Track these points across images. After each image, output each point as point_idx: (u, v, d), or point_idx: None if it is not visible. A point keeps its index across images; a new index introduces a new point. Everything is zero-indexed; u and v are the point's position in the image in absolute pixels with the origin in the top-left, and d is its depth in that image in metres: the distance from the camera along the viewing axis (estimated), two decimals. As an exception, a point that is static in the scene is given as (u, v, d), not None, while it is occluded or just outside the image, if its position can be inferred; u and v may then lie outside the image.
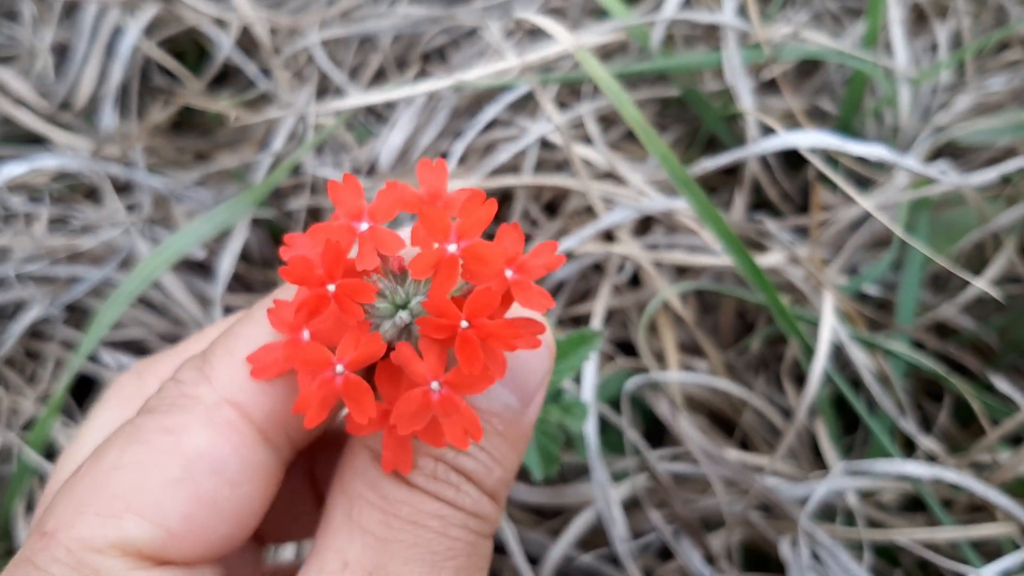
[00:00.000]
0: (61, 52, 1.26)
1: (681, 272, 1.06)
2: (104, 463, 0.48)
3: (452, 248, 0.46)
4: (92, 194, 1.21)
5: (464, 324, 0.45)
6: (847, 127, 1.12)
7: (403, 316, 0.47)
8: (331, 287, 0.45)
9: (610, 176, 1.07)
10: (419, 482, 0.50)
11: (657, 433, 1.03)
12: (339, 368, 0.45)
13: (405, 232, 0.49)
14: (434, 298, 0.45)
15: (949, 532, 0.84)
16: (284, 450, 0.53)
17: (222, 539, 0.49)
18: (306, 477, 0.67)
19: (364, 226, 0.48)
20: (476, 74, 0.98)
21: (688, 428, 0.94)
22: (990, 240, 1.05)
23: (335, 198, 0.49)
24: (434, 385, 0.45)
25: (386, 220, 0.49)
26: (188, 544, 0.47)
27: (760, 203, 1.15)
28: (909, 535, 0.85)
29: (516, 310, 0.48)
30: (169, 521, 0.46)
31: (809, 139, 0.87)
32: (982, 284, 0.98)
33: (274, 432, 0.51)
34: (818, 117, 1.19)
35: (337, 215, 0.49)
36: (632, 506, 0.95)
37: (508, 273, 0.46)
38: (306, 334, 0.47)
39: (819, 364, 0.84)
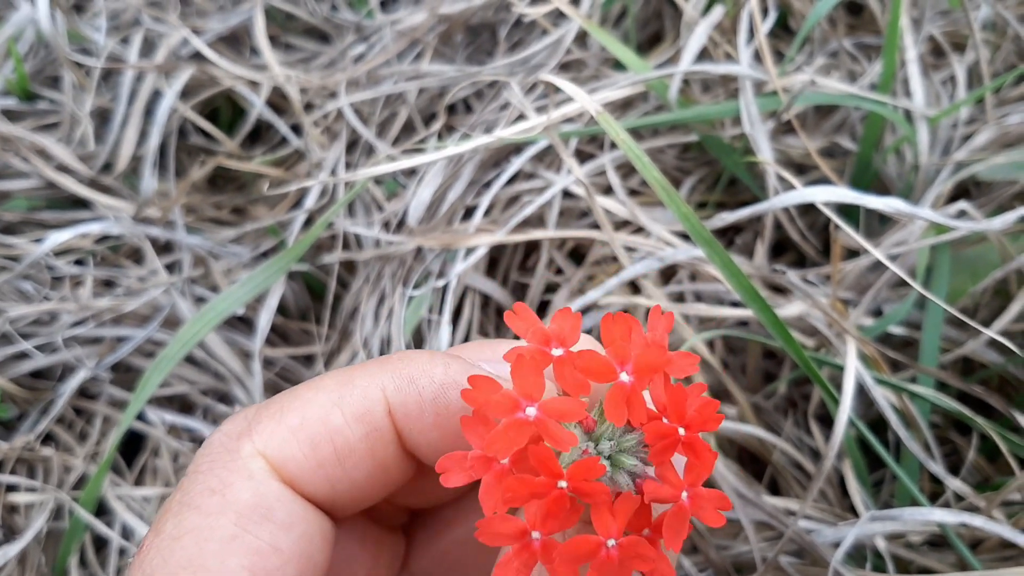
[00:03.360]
0: (101, 116, 1.31)
1: (707, 316, 1.08)
2: (164, 535, 0.50)
3: (624, 376, 0.48)
4: (134, 254, 1.26)
5: (682, 431, 0.47)
6: (867, 165, 1.14)
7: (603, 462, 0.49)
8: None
9: (633, 223, 1.10)
10: None
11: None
12: (562, 486, 0.46)
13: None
14: (649, 428, 0.47)
15: (978, 576, 0.85)
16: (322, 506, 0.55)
17: None
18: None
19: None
20: (499, 134, 1.01)
21: (722, 470, 0.96)
22: (1014, 276, 1.05)
23: (557, 323, 0.51)
24: (683, 496, 0.47)
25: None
26: None
27: (783, 240, 1.17)
28: (939, 580, 0.86)
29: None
30: None
31: (825, 193, 0.88)
32: (1004, 322, 0.99)
33: (306, 489, 0.53)
34: (839, 155, 1.21)
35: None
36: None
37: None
38: (531, 411, 0.47)
39: (844, 413, 0.86)
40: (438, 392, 0.54)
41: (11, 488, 1.08)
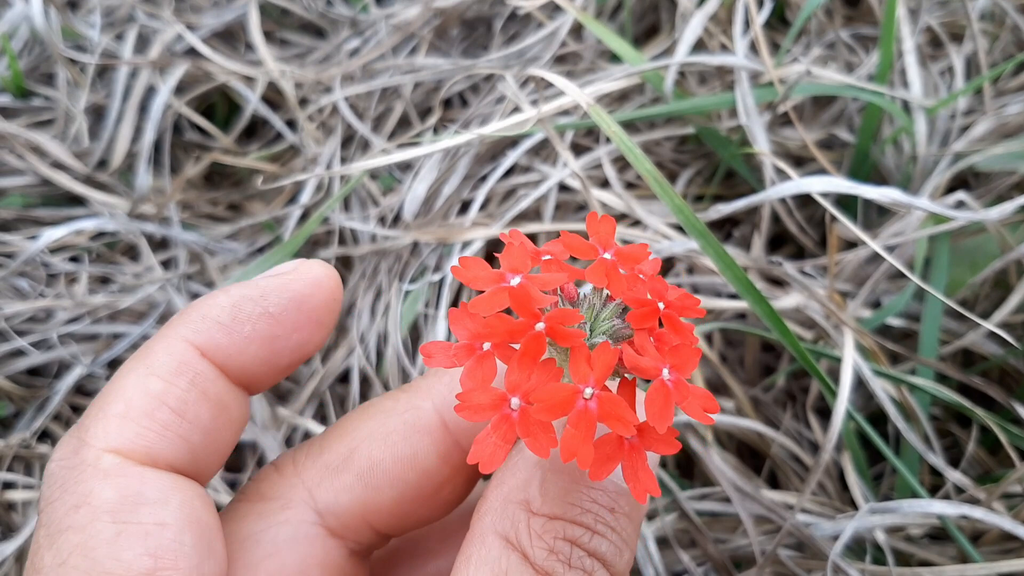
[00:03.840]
0: (96, 113, 1.31)
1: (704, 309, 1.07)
2: (46, 567, 0.49)
3: (607, 255, 0.51)
4: (129, 251, 1.25)
5: (662, 306, 0.49)
6: (865, 156, 1.13)
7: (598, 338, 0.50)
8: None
9: (629, 215, 1.09)
10: (556, 570, 0.50)
11: (687, 467, 1.04)
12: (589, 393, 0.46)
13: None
14: (627, 294, 0.49)
15: (978, 569, 0.84)
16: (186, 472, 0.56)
17: (195, 553, 0.51)
18: None
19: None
20: (494, 127, 1.00)
21: (720, 465, 0.95)
22: (1014, 266, 1.05)
23: (508, 247, 0.53)
24: (665, 373, 0.47)
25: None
26: (174, 572, 0.50)
27: (782, 232, 1.16)
28: (939, 573, 0.85)
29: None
30: (137, 567, 0.49)
31: (821, 184, 0.88)
32: (1004, 314, 0.98)
33: (164, 456, 0.54)
34: (837, 147, 1.20)
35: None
36: (662, 545, 0.97)
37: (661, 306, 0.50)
38: (516, 280, 0.49)
39: (841, 406, 0.85)
40: (233, 312, 0.57)
41: (8, 485, 1.08)
